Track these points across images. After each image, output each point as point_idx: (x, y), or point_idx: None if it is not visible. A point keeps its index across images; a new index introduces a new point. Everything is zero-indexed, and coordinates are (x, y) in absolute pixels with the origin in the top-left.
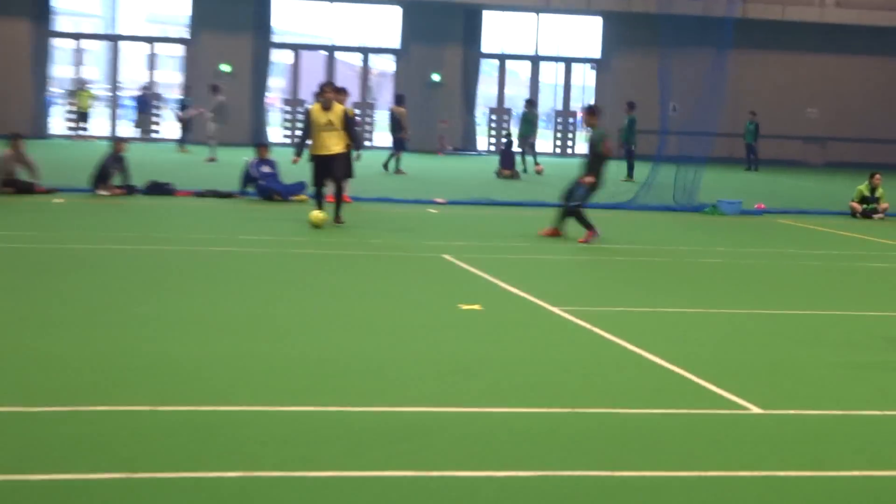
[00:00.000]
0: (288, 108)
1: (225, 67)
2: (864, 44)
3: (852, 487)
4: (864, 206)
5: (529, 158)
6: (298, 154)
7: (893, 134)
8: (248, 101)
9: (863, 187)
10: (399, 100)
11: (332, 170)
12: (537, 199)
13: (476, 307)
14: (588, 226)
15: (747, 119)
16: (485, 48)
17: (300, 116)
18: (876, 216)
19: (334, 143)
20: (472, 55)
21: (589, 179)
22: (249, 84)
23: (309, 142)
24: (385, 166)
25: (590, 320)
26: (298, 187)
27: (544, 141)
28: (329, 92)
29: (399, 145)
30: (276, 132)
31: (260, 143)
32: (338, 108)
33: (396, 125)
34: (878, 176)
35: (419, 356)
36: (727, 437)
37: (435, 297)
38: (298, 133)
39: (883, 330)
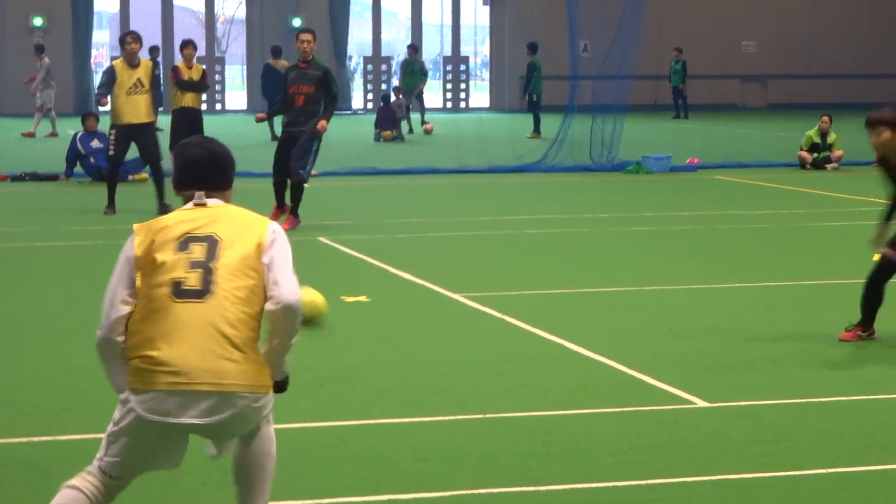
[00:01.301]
0: None
1: (36, 21)
2: None
3: (821, 488)
4: (815, 154)
5: (416, 116)
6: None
7: (847, 67)
8: (69, 62)
9: (812, 133)
10: (276, 52)
11: (142, 145)
12: (428, 165)
13: (362, 298)
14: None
15: (672, 58)
16: None
17: None
18: (829, 166)
19: (145, 110)
20: None
21: (323, 124)
22: (69, 40)
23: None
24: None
25: (499, 307)
26: (137, 163)
27: (432, 94)
28: (132, 42)
29: None
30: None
31: (87, 112)
32: (146, 64)
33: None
34: (826, 118)
35: (293, 362)
36: (670, 438)
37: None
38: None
39: (846, 300)
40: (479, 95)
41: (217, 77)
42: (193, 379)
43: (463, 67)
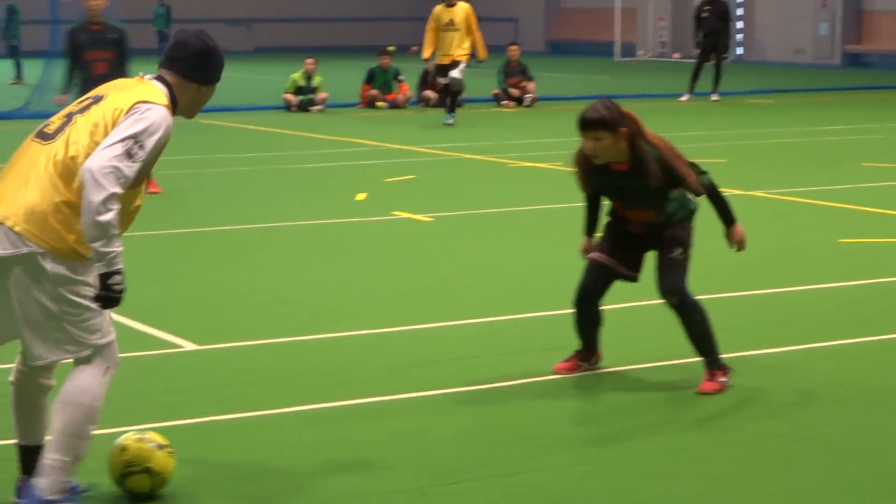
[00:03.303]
0: None
1: None
2: None
3: (295, 423)
4: (300, 97)
5: None
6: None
7: (328, 11)
8: None
9: (297, 76)
10: None
11: None
12: None
13: None
14: None
15: (157, 2)
16: None
17: None
18: (314, 108)
19: None
20: None
21: None
22: None
23: None
24: None
25: None
26: None
27: None
28: None
29: None
30: None
31: None
32: None
33: None
34: (311, 60)
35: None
36: (154, 383)
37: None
38: None
39: (331, 242)
40: None
41: None
42: None
43: None
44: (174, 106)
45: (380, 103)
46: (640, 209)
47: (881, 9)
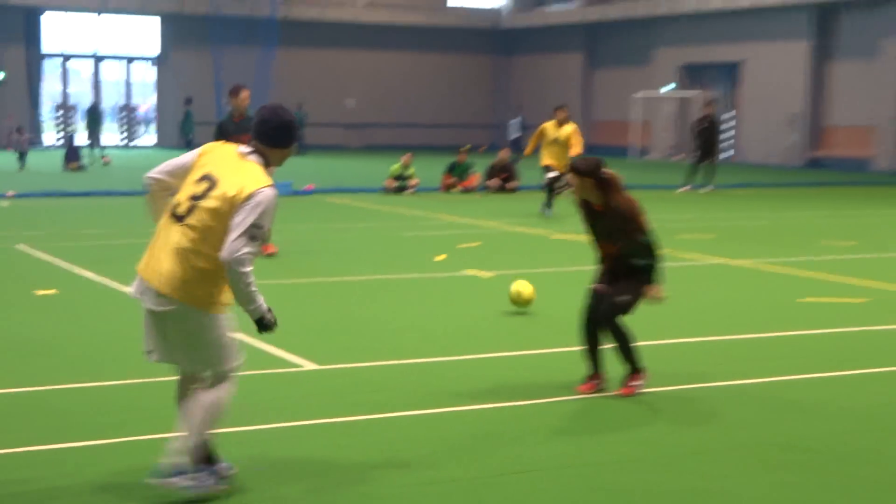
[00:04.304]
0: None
1: None
2: (393, 40)
3: (411, 426)
4: (398, 182)
5: (97, 151)
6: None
7: (419, 118)
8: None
9: (396, 167)
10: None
11: None
12: (105, 188)
13: (52, 292)
14: None
15: (295, 109)
16: (46, 48)
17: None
18: (407, 191)
19: None
20: (33, 54)
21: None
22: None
23: None
24: None
25: None
26: None
27: (110, 134)
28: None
29: None
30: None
31: None
32: None
33: None
34: (407, 155)
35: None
36: (284, 394)
37: (9, 284)
38: None
39: (419, 290)
40: (149, 136)
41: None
42: (146, 271)
43: (134, 114)
44: (268, 165)
45: (455, 189)
46: (606, 242)
47: (836, 124)
